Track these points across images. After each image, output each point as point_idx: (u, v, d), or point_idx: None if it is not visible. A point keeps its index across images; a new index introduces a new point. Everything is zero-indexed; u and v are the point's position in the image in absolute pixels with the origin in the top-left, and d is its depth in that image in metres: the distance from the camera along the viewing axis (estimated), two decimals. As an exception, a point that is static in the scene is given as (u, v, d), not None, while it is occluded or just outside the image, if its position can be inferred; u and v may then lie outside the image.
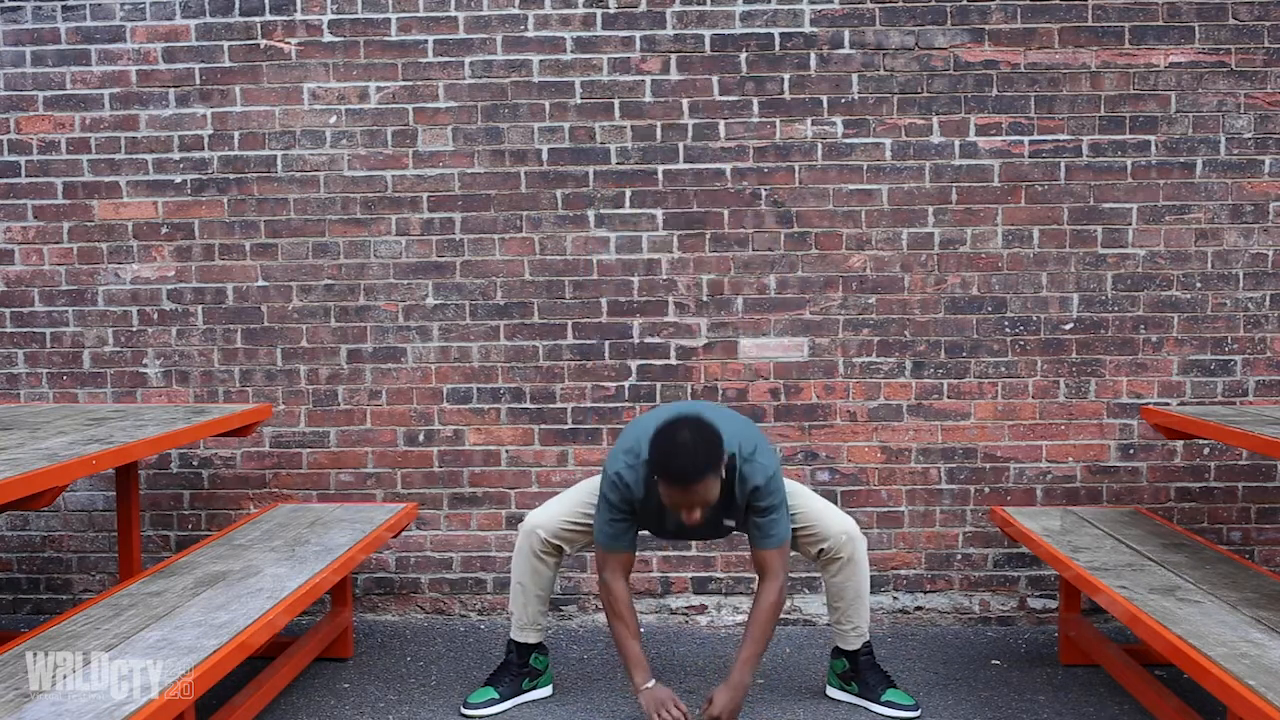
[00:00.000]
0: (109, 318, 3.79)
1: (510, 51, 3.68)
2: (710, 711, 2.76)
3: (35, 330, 3.81)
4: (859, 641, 2.99)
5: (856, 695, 3.00)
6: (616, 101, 3.67)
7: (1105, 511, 3.47)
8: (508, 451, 3.76)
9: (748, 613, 3.71)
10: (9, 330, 3.81)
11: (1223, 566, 2.81)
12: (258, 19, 3.71)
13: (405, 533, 3.73)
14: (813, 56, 3.64)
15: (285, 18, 3.70)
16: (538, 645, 3.06)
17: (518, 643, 3.04)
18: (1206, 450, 3.70)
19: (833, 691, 3.06)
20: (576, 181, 3.69)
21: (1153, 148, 3.63)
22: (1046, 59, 3.62)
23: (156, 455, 3.73)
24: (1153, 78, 3.61)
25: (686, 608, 3.76)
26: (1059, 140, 3.63)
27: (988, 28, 3.61)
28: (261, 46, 3.71)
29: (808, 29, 3.64)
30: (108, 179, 3.76)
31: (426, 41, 3.68)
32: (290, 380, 3.77)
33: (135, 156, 3.75)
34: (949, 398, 3.69)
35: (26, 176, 3.77)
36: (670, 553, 3.73)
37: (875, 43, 3.63)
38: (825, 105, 3.65)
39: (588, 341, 3.71)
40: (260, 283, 3.76)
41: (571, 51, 3.67)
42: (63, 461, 2.39)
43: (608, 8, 3.65)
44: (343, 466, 3.79)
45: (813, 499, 2.98)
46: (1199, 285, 3.65)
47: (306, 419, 3.78)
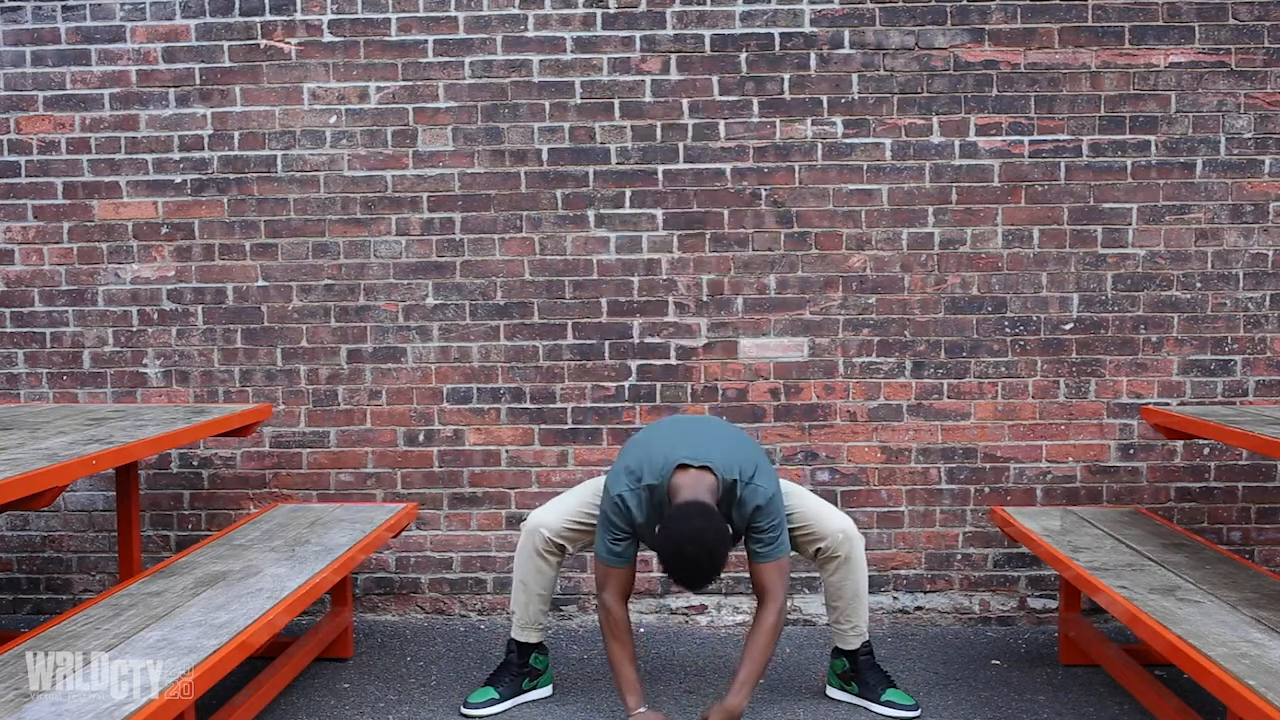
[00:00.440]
0: (109, 318, 3.79)
1: (510, 51, 3.68)
2: None
3: (35, 330, 3.81)
4: (858, 641, 2.99)
5: (856, 695, 3.00)
6: (616, 101, 3.67)
7: (1105, 511, 3.47)
8: (508, 451, 3.76)
9: (750, 613, 3.72)
10: (9, 330, 3.81)
11: (1223, 566, 2.81)
12: (258, 19, 3.71)
13: (405, 533, 3.73)
14: (813, 56, 3.64)
15: (285, 18, 3.70)
16: (538, 645, 3.06)
17: (518, 642, 3.04)
18: (1206, 450, 3.70)
19: (833, 691, 3.06)
20: (576, 181, 3.69)
21: (1153, 148, 3.63)
22: (1046, 59, 3.62)
23: (156, 455, 3.73)
24: (1153, 78, 3.61)
25: (686, 608, 3.76)
26: (1059, 140, 3.63)
27: (988, 28, 3.61)
28: (261, 46, 3.71)
29: (808, 29, 3.64)
30: (108, 179, 3.76)
31: (426, 41, 3.68)
32: (290, 380, 3.77)
33: (135, 156, 3.75)
34: (949, 398, 3.69)
35: (26, 176, 3.77)
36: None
37: (875, 43, 3.63)
38: (825, 105, 3.65)
39: (588, 341, 3.71)
40: (260, 283, 3.76)
41: (571, 51, 3.67)
42: (63, 461, 2.39)
43: (608, 8, 3.65)
44: (343, 466, 3.79)
45: (810, 499, 2.98)
46: (1199, 285, 3.65)
47: (306, 419, 3.78)
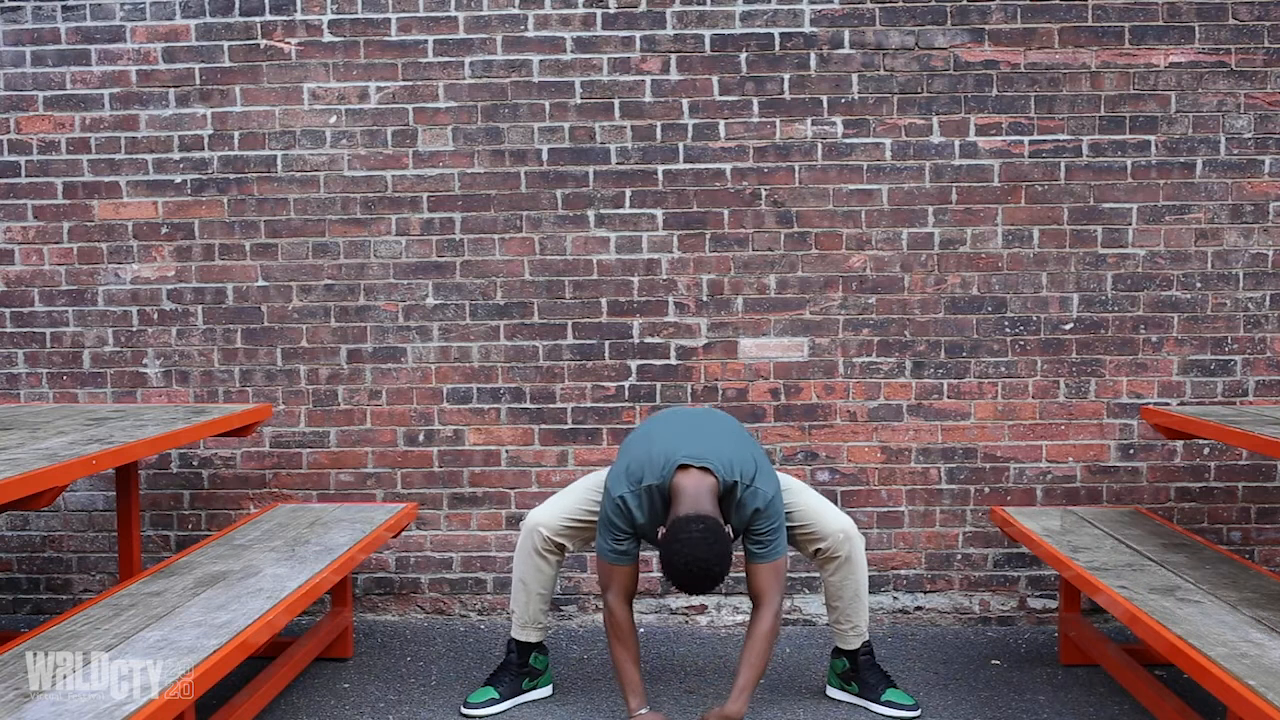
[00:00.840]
0: (109, 318, 3.79)
1: (510, 51, 3.68)
2: None
3: (35, 330, 3.81)
4: (858, 641, 2.99)
5: (856, 695, 3.00)
6: (616, 101, 3.67)
7: (1105, 511, 3.47)
8: (508, 451, 3.76)
9: (748, 614, 3.72)
10: (9, 330, 3.81)
11: (1223, 566, 2.81)
12: (258, 19, 3.71)
13: (405, 533, 3.73)
14: (813, 56, 3.65)
15: (285, 18, 3.70)
16: (538, 645, 3.06)
17: (519, 641, 3.04)
18: (1206, 450, 3.70)
19: (833, 691, 3.06)
20: (576, 181, 3.69)
21: (1153, 148, 3.63)
22: (1046, 59, 3.62)
23: (156, 455, 3.73)
24: (1153, 78, 3.61)
25: (686, 608, 3.76)
26: (1059, 140, 3.63)
27: (988, 28, 3.61)
28: (261, 46, 3.71)
29: (808, 29, 3.64)
30: (108, 179, 3.76)
31: (426, 41, 3.68)
32: (290, 380, 3.77)
33: (135, 156, 3.75)
34: (949, 398, 3.69)
35: (26, 176, 3.77)
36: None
37: (875, 43, 3.63)
38: (825, 105, 3.65)
39: (588, 341, 3.71)
40: (260, 283, 3.76)
41: (571, 51, 3.67)
42: (63, 461, 2.39)
43: (608, 8, 3.65)
44: (343, 466, 3.79)
45: (811, 497, 2.98)
46: (1199, 285, 3.65)
47: (306, 419, 3.78)
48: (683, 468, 2.67)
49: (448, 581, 3.81)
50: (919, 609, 3.74)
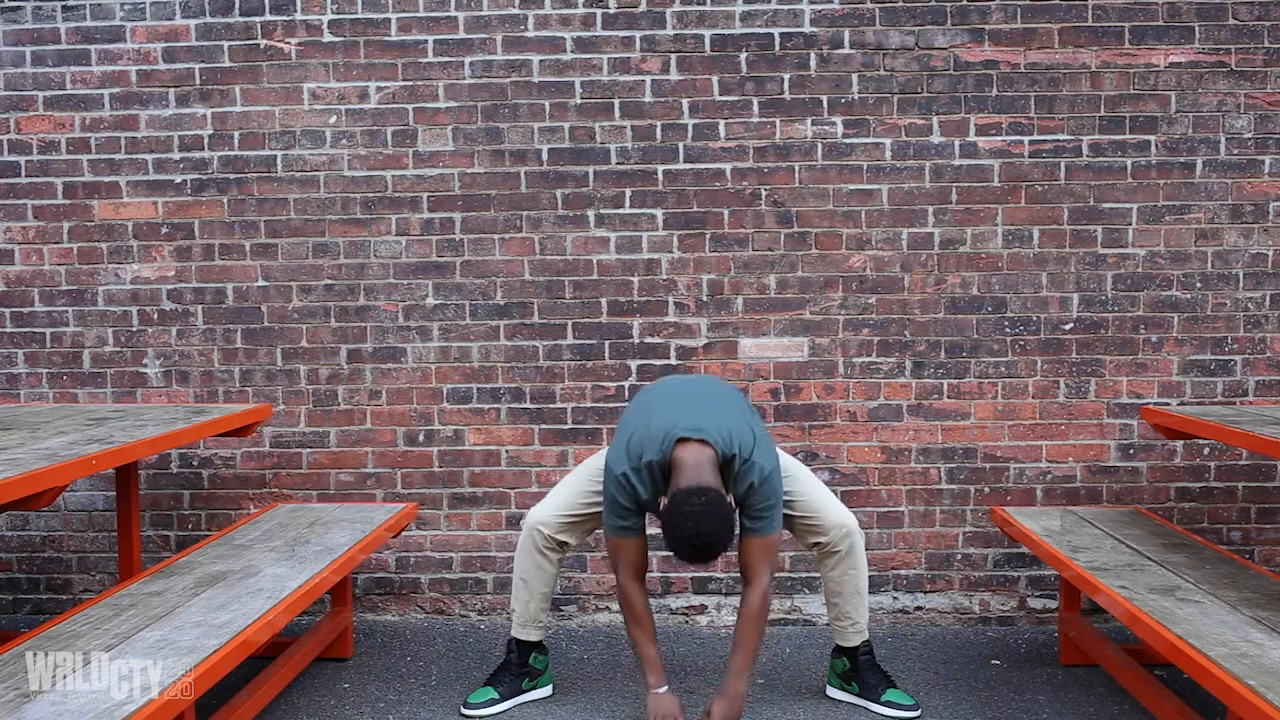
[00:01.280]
0: (109, 318, 3.79)
1: (510, 51, 3.68)
2: None
3: (35, 330, 3.81)
4: (858, 638, 2.99)
5: (857, 695, 3.00)
6: (616, 101, 3.67)
7: (1105, 511, 3.47)
8: (508, 451, 3.76)
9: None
10: (9, 330, 3.81)
11: (1223, 566, 2.81)
12: (258, 19, 3.71)
13: (405, 533, 3.73)
14: (813, 56, 3.65)
15: (285, 18, 3.70)
16: (538, 644, 3.06)
17: (519, 640, 3.04)
18: (1206, 450, 3.70)
19: (833, 691, 3.06)
20: (576, 181, 3.69)
21: (1153, 148, 3.63)
22: (1046, 59, 3.62)
23: (156, 455, 3.73)
24: (1153, 78, 3.61)
25: (686, 608, 3.76)
26: (1059, 140, 3.63)
27: (988, 28, 3.61)
28: (261, 46, 3.71)
29: (808, 29, 3.64)
30: (108, 179, 3.76)
31: (426, 41, 3.68)
32: (290, 380, 3.77)
33: (135, 156, 3.75)
34: (949, 398, 3.69)
35: (26, 176, 3.77)
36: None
37: (875, 43, 3.63)
38: (825, 105, 3.65)
39: (588, 341, 3.71)
40: (260, 283, 3.76)
41: (571, 51, 3.67)
42: (63, 461, 2.39)
43: (608, 8, 3.65)
44: (343, 466, 3.79)
45: (815, 488, 2.96)
46: (1199, 285, 3.65)
47: (306, 419, 3.78)
48: (682, 440, 2.65)
49: (448, 581, 3.81)
50: (919, 609, 3.74)
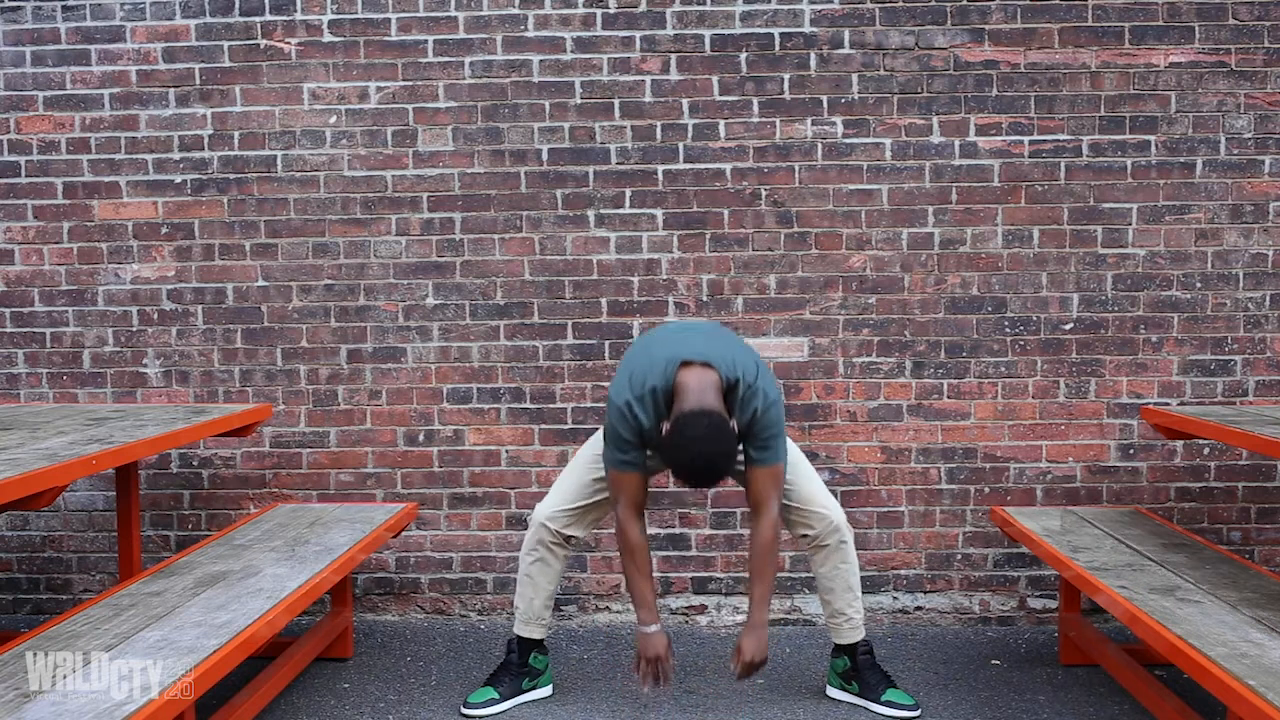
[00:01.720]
0: (109, 318, 3.79)
1: (510, 51, 3.68)
2: (742, 659, 2.79)
3: (35, 330, 3.81)
4: (855, 635, 2.99)
5: (857, 695, 3.00)
6: (616, 101, 3.67)
7: (1105, 511, 3.47)
8: (508, 451, 3.76)
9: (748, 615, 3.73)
10: (9, 330, 3.81)
11: (1223, 566, 2.81)
12: (258, 19, 3.71)
13: (405, 533, 3.73)
14: (813, 56, 3.65)
15: (285, 18, 3.70)
16: (539, 644, 3.06)
17: (520, 638, 3.04)
18: (1206, 450, 3.70)
19: (833, 691, 3.06)
20: (576, 181, 3.69)
21: (1153, 148, 3.63)
22: (1046, 59, 3.62)
23: (156, 455, 3.73)
24: (1153, 78, 3.61)
25: (686, 608, 3.76)
26: (1059, 140, 3.63)
27: (988, 28, 3.61)
28: (261, 46, 3.71)
29: (808, 29, 3.64)
30: (108, 179, 3.76)
31: (426, 41, 3.68)
32: (290, 380, 3.77)
33: (135, 156, 3.75)
34: (949, 398, 3.69)
35: (26, 176, 3.77)
36: (671, 553, 3.73)
37: (875, 43, 3.63)
38: (825, 105, 3.65)
39: (588, 341, 3.71)
40: (260, 283, 3.76)
41: (571, 51, 3.67)
42: (63, 461, 2.39)
43: (608, 8, 3.65)
44: (343, 466, 3.79)
45: (812, 481, 2.95)
46: (1199, 285, 3.65)
47: (306, 419, 3.78)
48: (685, 364, 2.64)
49: (448, 581, 3.81)
50: (919, 609, 3.74)
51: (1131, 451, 3.69)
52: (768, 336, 3.69)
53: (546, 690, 3.09)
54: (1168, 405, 3.63)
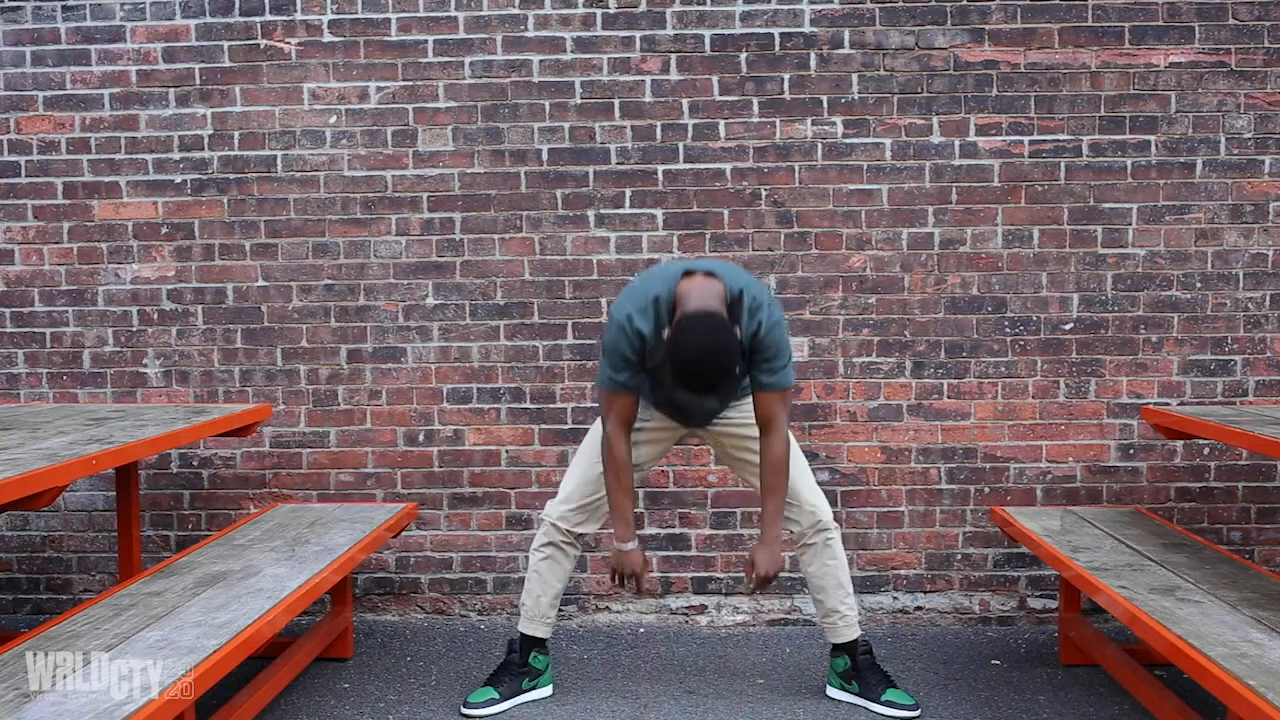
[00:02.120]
0: (109, 318, 3.79)
1: (510, 51, 3.68)
2: (756, 573, 2.79)
3: (35, 330, 3.81)
4: (850, 633, 2.99)
5: (857, 695, 3.00)
6: (616, 101, 3.67)
7: (1105, 511, 3.47)
8: (508, 451, 3.76)
9: (750, 613, 3.72)
10: (9, 330, 3.81)
11: (1223, 566, 2.81)
12: (258, 19, 3.71)
13: (405, 533, 3.73)
14: (813, 56, 3.65)
15: (285, 18, 3.70)
16: (540, 643, 3.06)
17: (524, 635, 3.04)
18: (1206, 450, 3.70)
19: (833, 691, 3.06)
20: (576, 181, 3.69)
21: (1153, 148, 3.63)
22: (1046, 59, 3.62)
23: (156, 455, 3.73)
24: (1153, 78, 3.61)
25: (686, 608, 3.76)
26: (1059, 140, 3.63)
27: (988, 28, 3.61)
28: (261, 46, 3.71)
29: (808, 29, 3.64)
30: (108, 179, 3.76)
31: (426, 41, 3.68)
32: (290, 380, 3.77)
33: (135, 156, 3.75)
34: (949, 398, 3.69)
35: (26, 176, 3.77)
36: (670, 553, 3.73)
37: (875, 43, 3.63)
38: (825, 105, 3.65)
39: (588, 341, 3.71)
40: (260, 283, 3.76)
41: (571, 51, 3.67)
42: (63, 461, 2.39)
43: (608, 8, 3.65)
44: (343, 466, 3.79)
45: (800, 476, 2.93)
46: (1199, 285, 3.65)
47: (306, 419, 3.78)
48: (689, 274, 2.64)
49: (448, 581, 3.81)
50: (919, 609, 3.74)
51: (1131, 451, 3.69)
52: (768, 336, 3.69)
53: (547, 690, 3.09)
54: (1168, 405, 3.63)
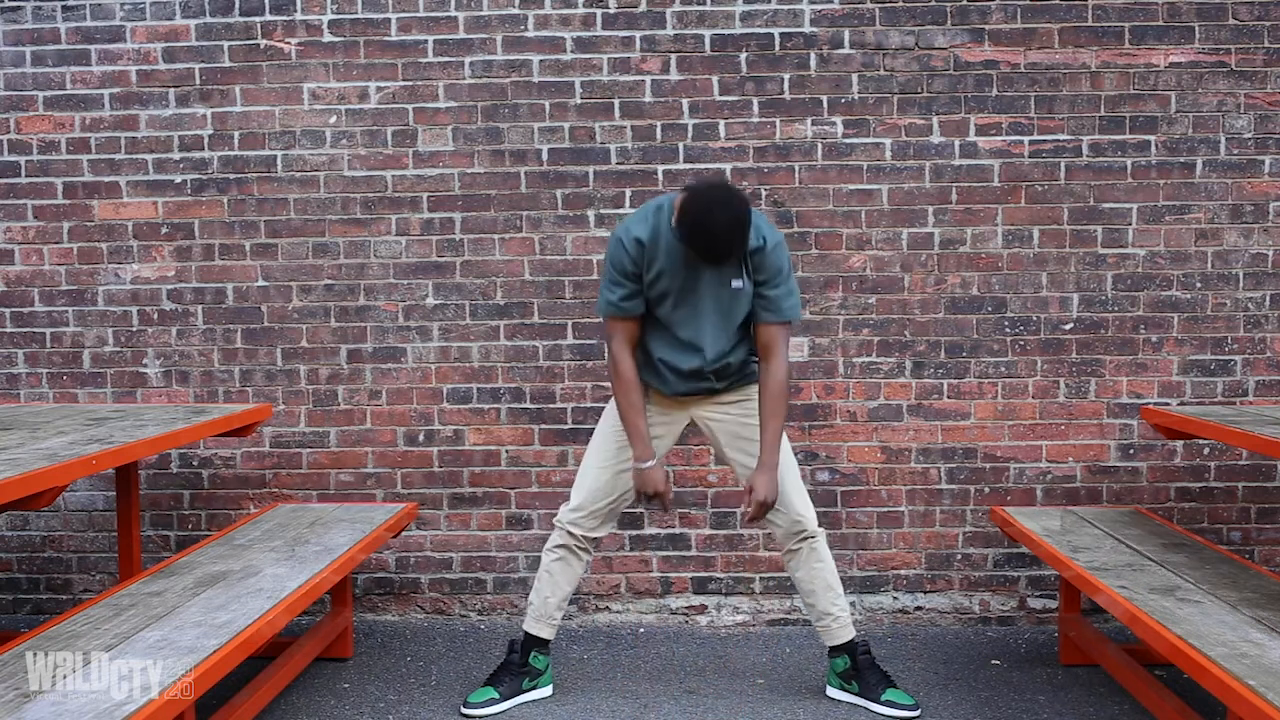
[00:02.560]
0: (109, 318, 3.79)
1: (510, 51, 3.68)
2: (755, 498, 2.81)
3: (35, 330, 3.81)
4: (845, 634, 3.00)
5: (856, 695, 3.00)
6: (616, 101, 3.67)
7: (1105, 511, 3.47)
8: (508, 451, 3.76)
9: (750, 613, 3.72)
10: (9, 330, 3.81)
11: (1223, 566, 2.81)
12: (258, 19, 3.71)
13: (405, 533, 3.73)
14: (813, 56, 3.64)
15: (285, 18, 3.70)
16: (541, 644, 3.05)
17: (527, 635, 3.04)
18: (1206, 450, 3.70)
19: (833, 691, 3.06)
20: (576, 181, 3.69)
21: (1153, 148, 3.63)
22: (1046, 59, 3.62)
23: (156, 455, 3.73)
24: (1153, 78, 3.61)
25: (686, 608, 3.76)
26: (1059, 140, 3.63)
27: (988, 28, 3.61)
28: (261, 46, 3.71)
29: (808, 29, 3.64)
30: (108, 179, 3.76)
31: (426, 41, 3.68)
32: (290, 380, 3.77)
33: (135, 156, 3.75)
34: (949, 398, 3.69)
35: (26, 176, 3.77)
36: (670, 553, 3.73)
37: (875, 43, 3.63)
38: (825, 105, 3.65)
39: (588, 341, 3.71)
40: (260, 283, 3.76)
41: (571, 51, 3.67)
42: (63, 461, 2.39)
43: (608, 8, 3.65)
44: (343, 466, 3.79)
45: (791, 485, 2.93)
46: (1199, 285, 3.65)
47: (306, 419, 3.78)
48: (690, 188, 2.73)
49: (448, 581, 3.81)
50: (919, 609, 3.74)
51: (1131, 451, 3.69)
52: (768, 336, 3.69)
53: (547, 690, 3.09)
54: (1168, 405, 3.63)
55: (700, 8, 3.64)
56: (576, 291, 3.71)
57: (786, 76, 3.64)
